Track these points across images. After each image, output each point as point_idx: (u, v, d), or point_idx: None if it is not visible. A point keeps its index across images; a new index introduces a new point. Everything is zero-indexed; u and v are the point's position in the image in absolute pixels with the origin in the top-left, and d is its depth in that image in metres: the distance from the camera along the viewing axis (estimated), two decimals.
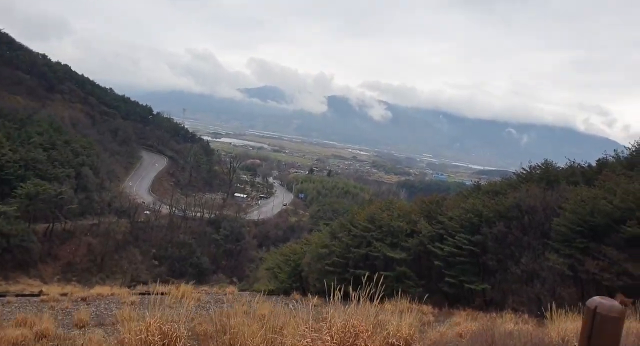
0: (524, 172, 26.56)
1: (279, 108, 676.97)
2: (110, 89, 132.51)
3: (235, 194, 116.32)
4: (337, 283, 5.29)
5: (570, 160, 25.70)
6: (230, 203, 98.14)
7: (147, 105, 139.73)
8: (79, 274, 56.16)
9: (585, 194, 17.84)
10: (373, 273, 6.03)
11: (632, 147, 22.74)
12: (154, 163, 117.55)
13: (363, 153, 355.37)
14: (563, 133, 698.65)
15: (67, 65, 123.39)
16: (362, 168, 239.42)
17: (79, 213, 64.31)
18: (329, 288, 5.21)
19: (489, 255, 20.26)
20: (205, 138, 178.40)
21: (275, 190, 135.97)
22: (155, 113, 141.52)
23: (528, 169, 26.44)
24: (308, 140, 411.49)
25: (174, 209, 79.33)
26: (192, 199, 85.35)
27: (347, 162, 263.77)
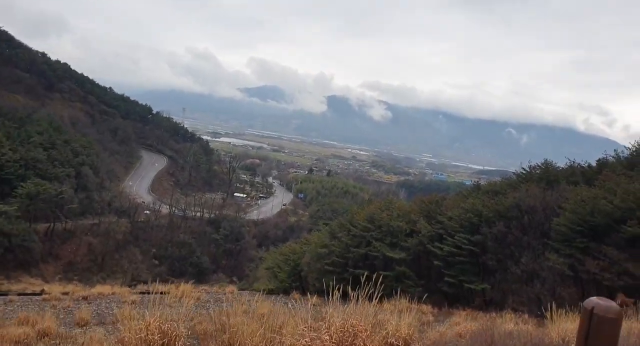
0: (524, 172, 26.57)
1: (279, 108, 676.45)
2: (110, 88, 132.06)
3: (235, 194, 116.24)
4: (336, 282, 5.29)
5: (570, 160, 25.69)
6: (230, 203, 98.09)
7: (146, 105, 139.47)
8: (80, 273, 56.29)
9: (586, 194, 17.83)
10: (372, 272, 6.02)
11: (632, 147, 22.72)
12: (154, 162, 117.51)
13: (363, 153, 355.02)
14: (563, 133, 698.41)
15: (66, 64, 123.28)
16: (361, 168, 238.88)
17: (80, 212, 64.43)
18: (328, 287, 5.21)
19: (489, 255, 20.24)
20: (205, 137, 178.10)
21: (275, 190, 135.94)
22: (155, 112, 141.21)
23: (528, 169, 26.44)
24: (308, 140, 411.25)
25: (174, 209, 79.40)
26: (191, 199, 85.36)
27: (346, 161, 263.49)
